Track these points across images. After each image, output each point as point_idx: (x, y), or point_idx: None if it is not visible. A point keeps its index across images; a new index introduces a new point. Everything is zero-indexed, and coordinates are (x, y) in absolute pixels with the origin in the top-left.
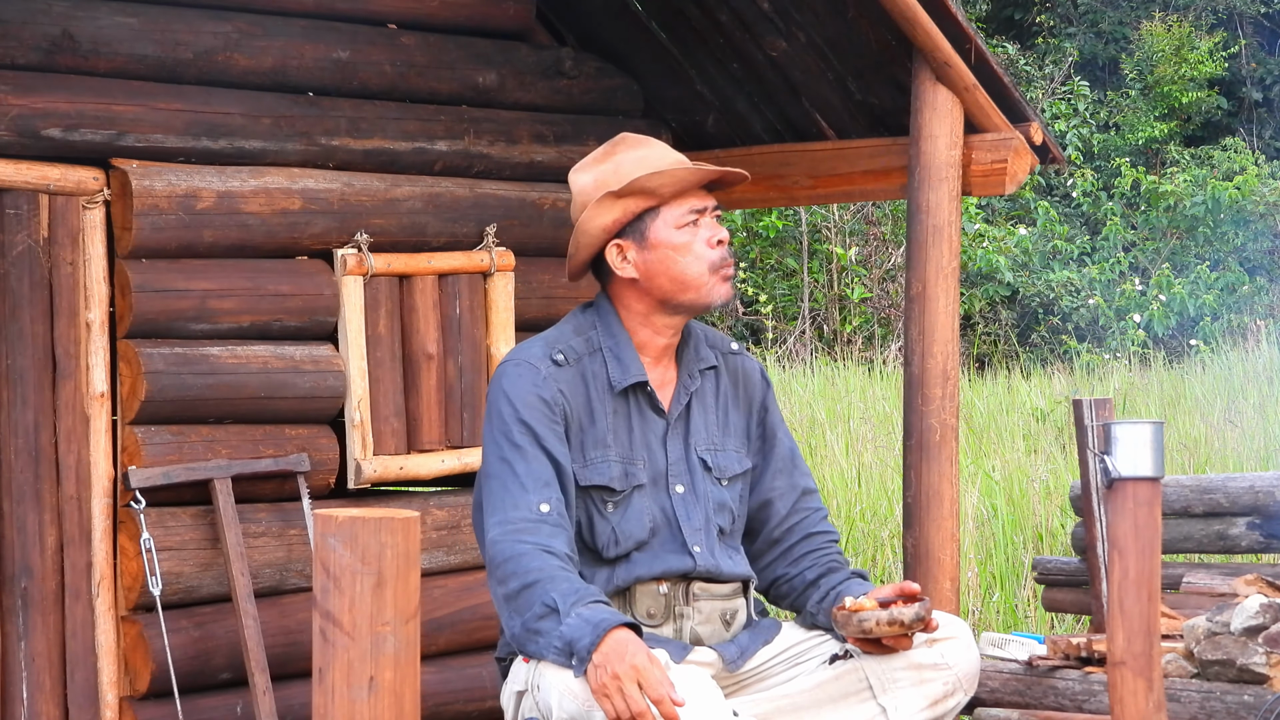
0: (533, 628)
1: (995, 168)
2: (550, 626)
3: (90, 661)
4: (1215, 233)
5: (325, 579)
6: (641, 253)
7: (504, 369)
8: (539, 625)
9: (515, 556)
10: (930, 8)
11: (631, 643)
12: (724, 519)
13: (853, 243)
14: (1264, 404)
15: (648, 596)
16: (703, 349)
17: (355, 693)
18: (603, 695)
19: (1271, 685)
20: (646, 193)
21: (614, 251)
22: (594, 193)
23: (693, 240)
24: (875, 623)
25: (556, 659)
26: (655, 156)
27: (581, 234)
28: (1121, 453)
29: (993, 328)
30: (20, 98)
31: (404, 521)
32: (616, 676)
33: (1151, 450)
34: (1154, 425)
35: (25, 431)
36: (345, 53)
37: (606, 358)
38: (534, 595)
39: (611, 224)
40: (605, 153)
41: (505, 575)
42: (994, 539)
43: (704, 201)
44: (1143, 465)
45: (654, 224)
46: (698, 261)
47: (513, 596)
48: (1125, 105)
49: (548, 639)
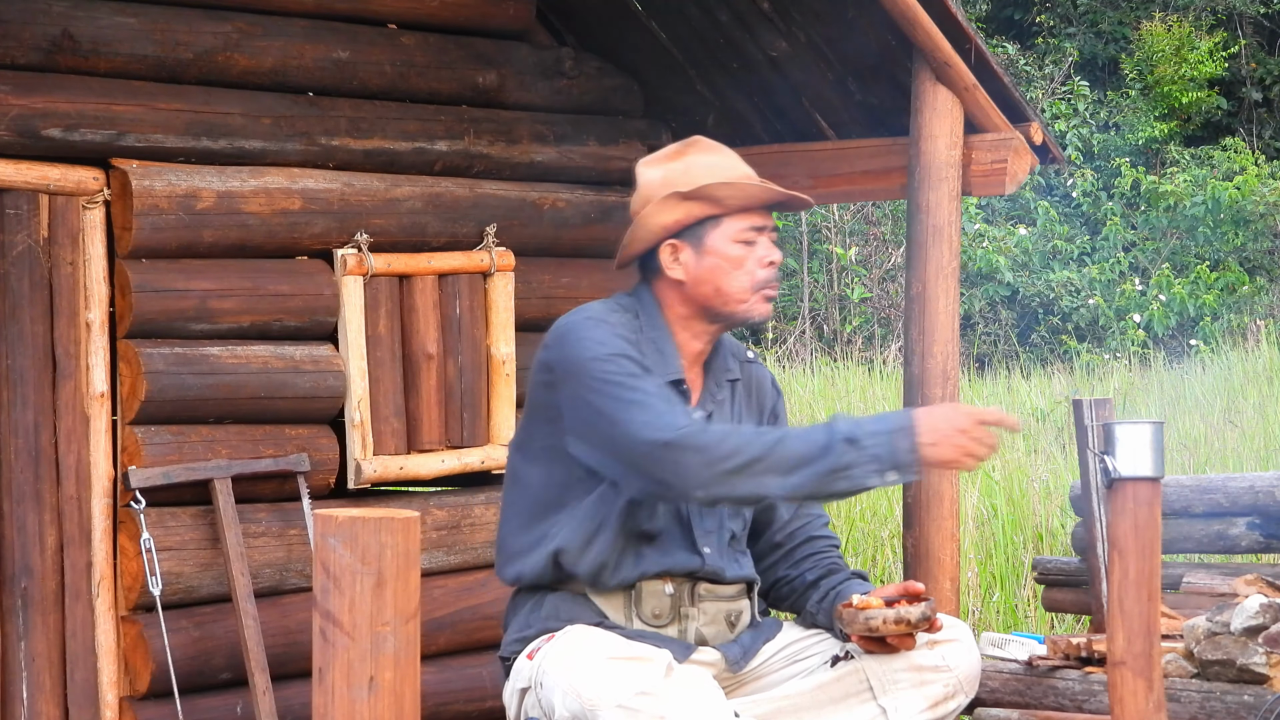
0: (836, 469)
1: (995, 168)
2: (856, 457)
3: (90, 661)
4: (1215, 233)
5: (325, 579)
6: (695, 257)
7: (578, 324)
8: (843, 462)
9: (721, 435)
10: (930, 8)
11: (934, 412)
12: (737, 524)
13: (853, 243)
14: (1264, 404)
15: (653, 597)
16: (729, 359)
17: (355, 693)
18: (957, 462)
19: (1271, 685)
20: (713, 201)
21: (668, 251)
22: (660, 190)
23: (746, 257)
24: (882, 621)
25: (878, 479)
26: (726, 165)
27: (641, 228)
28: (1122, 453)
29: (993, 328)
30: (20, 98)
31: (404, 521)
32: (966, 431)
33: (1151, 450)
34: (1154, 425)
35: (25, 431)
36: (345, 53)
37: (647, 349)
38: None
39: (672, 224)
40: (677, 152)
41: (728, 451)
42: (994, 539)
43: (765, 220)
44: (1143, 465)
45: (713, 232)
46: (746, 277)
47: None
48: (1125, 105)
49: (859, 470)
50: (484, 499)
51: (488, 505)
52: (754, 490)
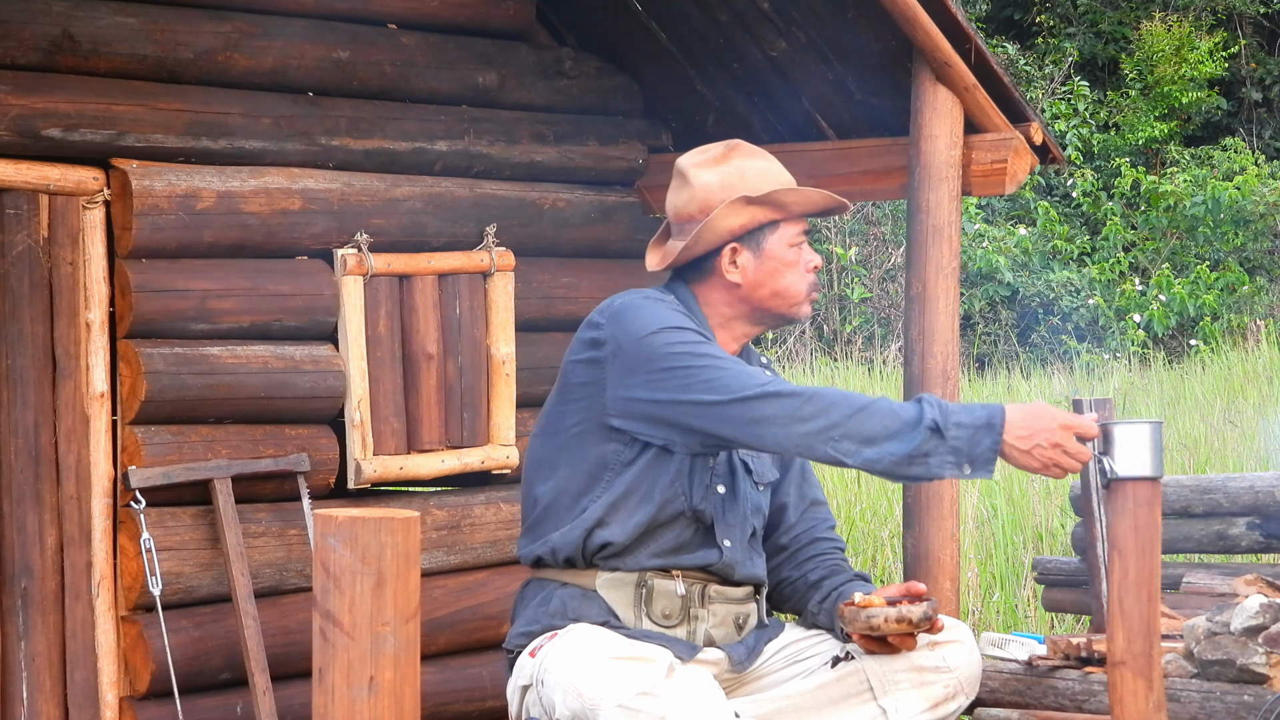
0: (915, 453)
1: (995, 168)
2: (936, 446)
3: (90, 661)
4: (1215, 233)
5: (325, 579)
6: (753, 261)
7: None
8: (923, 449)
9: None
10: (930, 8)
11: (1030, 413)
12: (758, 520)
13: (853, 243)
14: (1264, 404)
15: (664, 597)
16: (755, 362)
17: (355, 693)
18: (1045, 469)
19: (1271, 685)
20: (779, 206)
21: (728, 254)
22: (722, 194)
23: (798, 261)
24: (884, 620)
25: (955, 471)
26: (778, 170)
27: (707, 231)
28: (1120, 453)
29: (993, 328)
30: (20, 98)
31: (404, 521)
32: (1058, 445)
33: (1150, 450)
34: (1153, 425)
35: (25, 431)
36: (345, 53)
37: None
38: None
39: (738, 227)
40: (723, 155)
41: (818, 409)
42: (994, 539)
43: (807, 225)
44: (1141, 465)
45: (772, 236)
46: (802, 280)
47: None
48: (1125, 105)
49: (937, 460)
50: (484, 499)
51: (488, 505)
52: (830, 454)
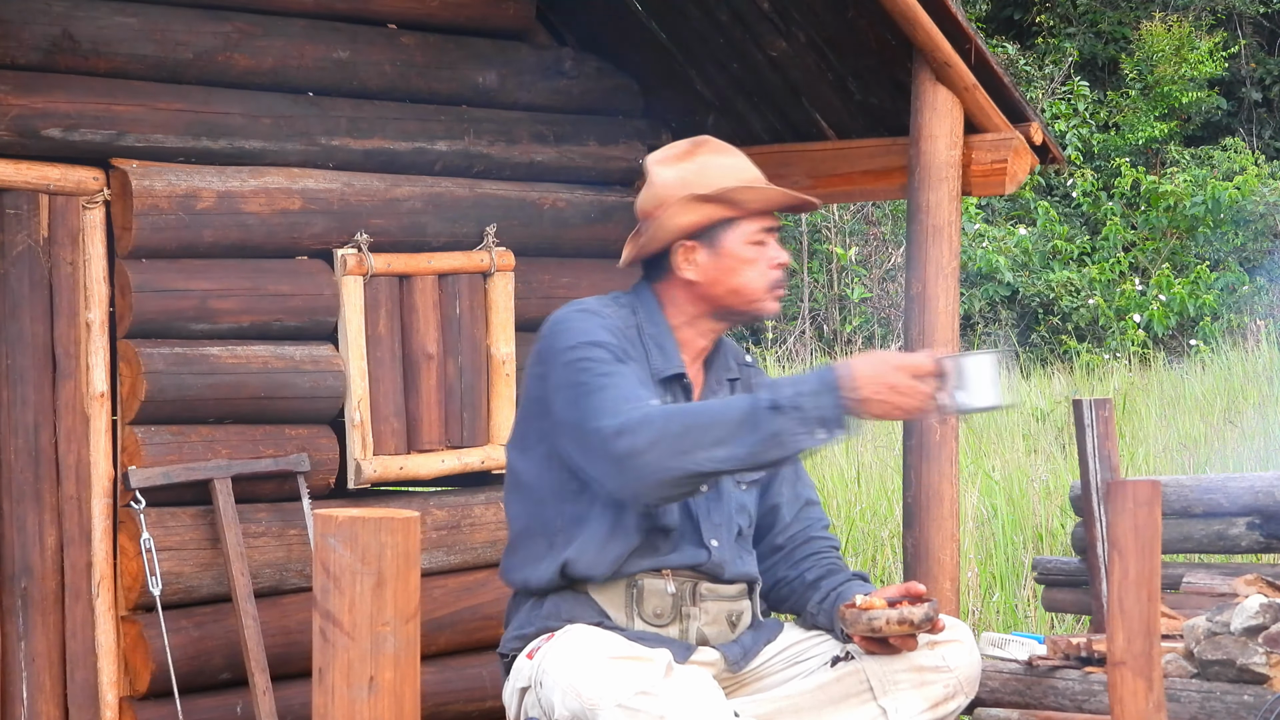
0: (766, 436)
1: (995, 168)
2: (783, 423)
3: (90, 661)
4: (1215, 233)
5: (325, 579)
6: (710, 258)
7: (567, 316)
8: (771, 429)
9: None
10: (930, 8)
11: (864, 361)
12: (743, 520)
13: (853, 243)
14: (1264, 404)
15: (655, 596)
16: (730, 360)
17: (355, 693)
18: (893, 412)
19: (1271, 685)
20: (732, 204)
21: (681, 252)
22: (677, 190)
23: (759, 258)
24: (885, 621)
25: (810, 439)
26: (740, 167)
27: (659, 229)
28: (961, 385)
29: (993, 328)
30: (20, 98)
31: (404, 521)
32: (895, 387)
33: (990, 380)
34: (992, 355)
35: (25, 431)
36: (345, 53)
37: (648, 345)
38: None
39: (690, 225)
40: (688, 151)
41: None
42: (994, 539)
43: (774, 222)
44: (984, 396)
45: (728, 234)
46: (761, 278)
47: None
48: (1125, 105)
49: (791, 434)
50: (484, 499)
51: (488, 505)
52: (693, 467)
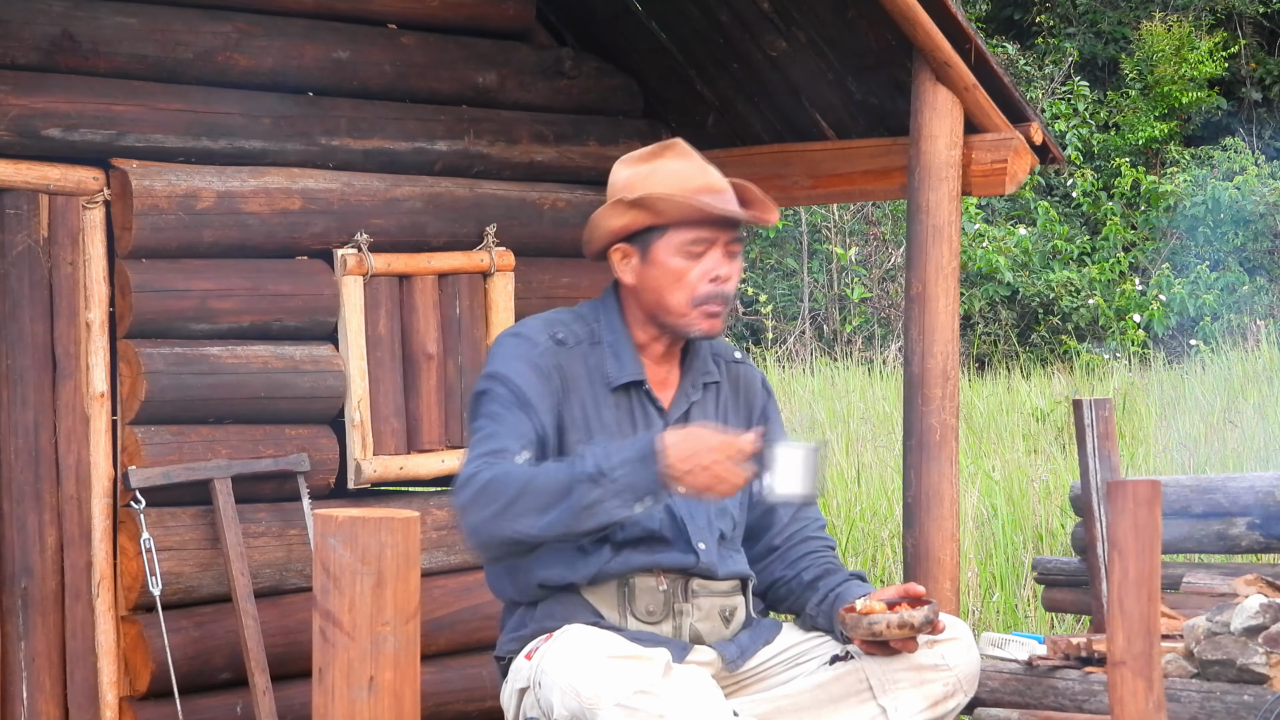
0: (583, 506)
1: (995, 168)
2: (601, 493)
3: (90, 661)
4: (1215, 233)
5: (325, 579)
6: (641, 265)
7: (502, 339)
8: (589, 499)
9: (491, 477)
10: (930, 8)
11: (685, 438)
12: (725, 524)
13: (853, 243)
14: (1264, 404)
15: (647, 594)
16: (708, 361)
17: (355, 693)
18: (709, 490)
19: (1271, 685)
20: (654, 211)
21: (617, 255)
22: (617, 192)
23: (688, 270)
24: (886, 625)
25: (627, 510)
26: (688, 174)
27: (592, 228)
28: (776, 472)
29: (993, 328)
30: (20, 98)
31: (404, 521)
32: (712, 467)
33: (804, 471)
34: (809, 448)
35: (25, 431)
36: (345, 53)
37: (606, 352)
38: (546, 485)
39: (619, 229)
40: (650, 154)
41: (495, 492)
42: (994, 539)
43: (715, 234)
44: (796, 485)
45: (659, 242)
46: (685, 291)
47: (516, 502)
48: (1125, 105)
49: (605, 506)
50: None
51: None
52: (513, 532)
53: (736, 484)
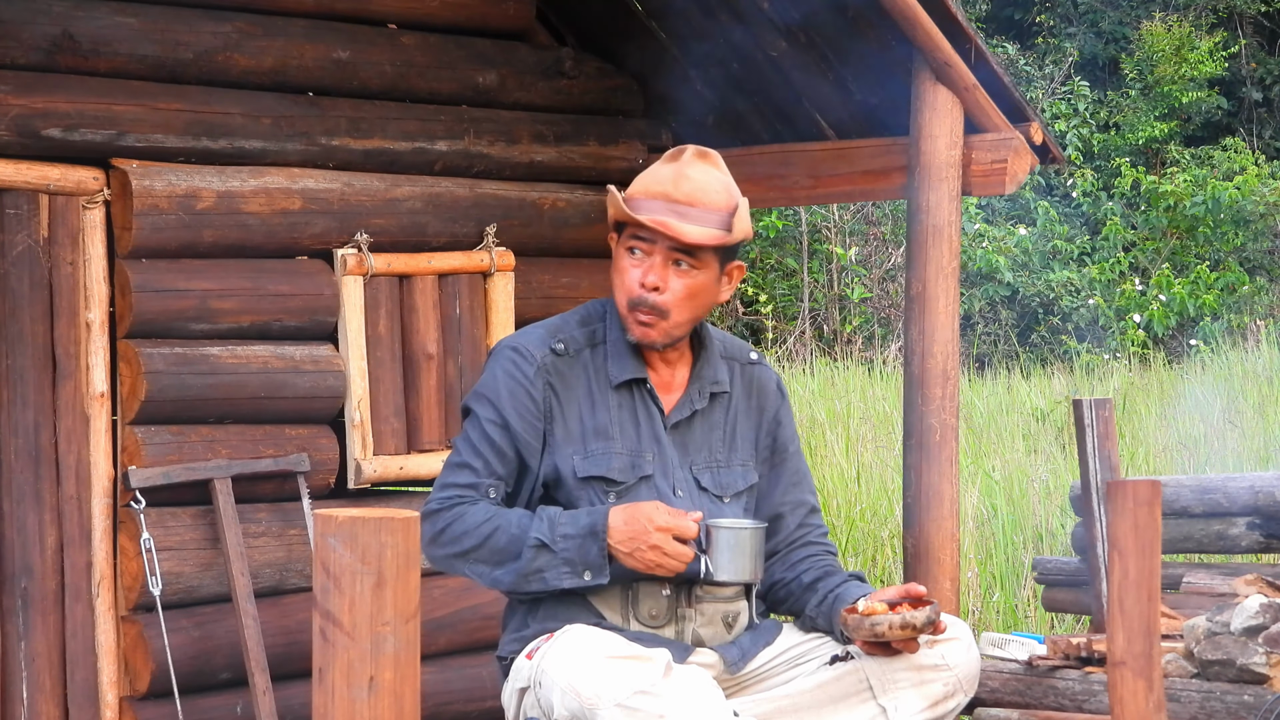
0: (529, 571)
1: (995, 168)
2: (547, 561)
3: (90, 661)
4: (1215, 233)
5: (325, 579)
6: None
7: (499, 352)
8: (534, 565)
9: (456, 517)
10: (930, 8)
11: (631, 518)
12: None
13: (853, 243)
14: (1264, 404)
15: (650, 598)
16: (719, 367)
17: (355, 693)
18: (652, 569)
19: (1271, 685)
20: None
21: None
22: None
23: (628, 271)
24: (888, 626)
25: (574, 580)
26: (662, 177)
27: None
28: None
29: (993, 328)
30: (20, 98)
31: (404, 521)
32: (656, 548)
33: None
34: (752, 530)
35: (25, 431)
36: (345, 53)
37: (609, 351)
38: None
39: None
40: (674, 154)
41: (453, 538)
42: (994, 539)
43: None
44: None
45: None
46: (623, 291)
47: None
48: (1125, 105)
49: (550, 575)
50: None
51: None
52: (472, 576)
53: (677, 566)
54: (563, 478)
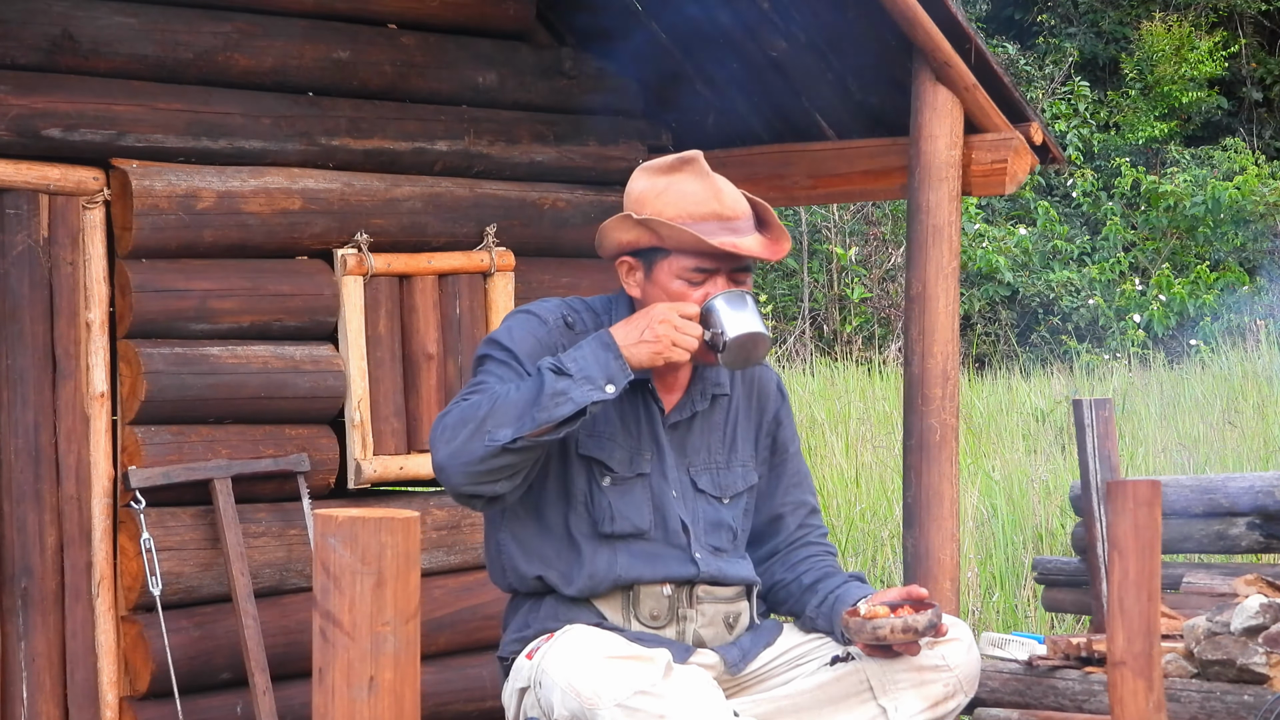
0: (552, 394)
1: (995, 168)
2: (567, 384)
3: (90, 661)
4: (1215, 233)
5: (325, 579)
6: (645, 281)
7: (514, 314)
8: (557, 388)
9: (462, 405)
10: (930, 8)
11: (633, 316)
12: (723, 537)
13: (853, 243)
14: (1264, 404)
15: (651, 598)
16: (720, 369)
17: (355, 693)
18: (665, 355)
19: (1271, 685)
20: (656, 235)
21: (624, 267)
22: (630, 204)
23: (688, 296)
24: (890, 630)
25: (598, 393)
26: (698, 198)
27: (603, 236)
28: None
29: (993, 328)
30: (20, 98)
31: (404, 521)
32: (665, 321)
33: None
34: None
35: (25, 431)
36: (345, 53)
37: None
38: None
39: (626, 243)
40: (668, 168)
41: (468, 416)
42: (994, 539)
43: (719, 264)
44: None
45: (662, 263)
46: None
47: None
48: (1125, 105)
49: (579, 390)
50: None
51: None
52: (485, 447)
53: (690, 341)
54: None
